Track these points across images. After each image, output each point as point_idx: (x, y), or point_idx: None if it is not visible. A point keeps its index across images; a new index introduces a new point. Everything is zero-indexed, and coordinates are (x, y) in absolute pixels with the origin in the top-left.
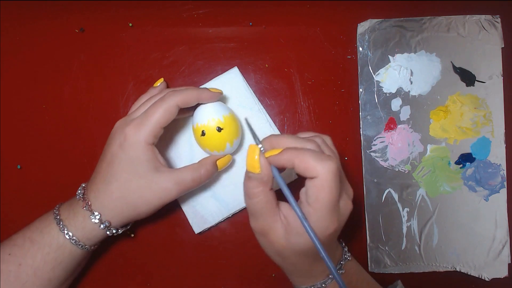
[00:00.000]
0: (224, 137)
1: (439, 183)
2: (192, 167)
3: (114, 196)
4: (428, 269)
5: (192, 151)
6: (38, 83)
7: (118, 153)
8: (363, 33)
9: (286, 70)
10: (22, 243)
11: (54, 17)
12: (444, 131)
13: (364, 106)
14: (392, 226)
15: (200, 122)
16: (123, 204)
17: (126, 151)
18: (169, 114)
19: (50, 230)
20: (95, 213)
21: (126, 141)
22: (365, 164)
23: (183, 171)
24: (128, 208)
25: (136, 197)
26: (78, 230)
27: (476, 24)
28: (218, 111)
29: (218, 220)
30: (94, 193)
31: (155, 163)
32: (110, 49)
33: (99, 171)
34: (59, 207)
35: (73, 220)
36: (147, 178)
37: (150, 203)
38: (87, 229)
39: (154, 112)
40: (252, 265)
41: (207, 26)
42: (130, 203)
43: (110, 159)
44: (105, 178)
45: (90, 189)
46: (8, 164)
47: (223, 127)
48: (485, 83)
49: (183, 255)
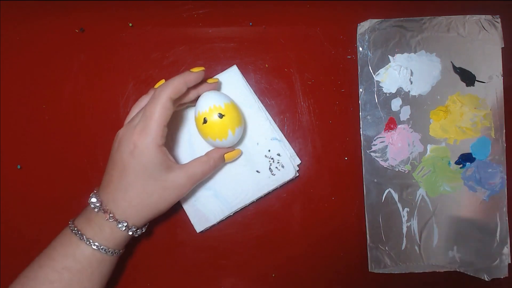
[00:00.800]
0: (225, 124)
1: (439, 183)
2: (201, 160)
3: (134, 203)
4: (428, 269)
5: (193, 150)
6: (38, 83)
7: (130, 162)
8: (363, 33)
9: (286, 70)
10: (60, 277)
11: (54, 17)
12: (444, 131)
13: (364, 106)
14: (392, 226)
15: (202, 110)
16: (144, 208)
17: (138, 158)
18: (166, 110)
19: (83, 252)
20: (121, 222)
21: (136, 148)
22: (365, 164)
23: (193, 165)
24: (149, 210)
25: (156, 199)
26: (109, 242)
27: (476, 24)
28: (219, 99)
29: (219, 218)
30: (114, 203)
31: (167, 163)
32: (110, 49)
33: (112, 180)
34: (74, 224)
35: (102, 234)
36: (162, 179)
37: (169, 200)
38: (117, 237)
39: (152, 113)
40: (252, 265)
41: (207, 26)
42: (150, 205)
43: (122, 167)
44: (121, 187)
45: (107, 198)
46: (8, 164)
47: (224, 114)
48: (485, 83)
49: (183, 255)
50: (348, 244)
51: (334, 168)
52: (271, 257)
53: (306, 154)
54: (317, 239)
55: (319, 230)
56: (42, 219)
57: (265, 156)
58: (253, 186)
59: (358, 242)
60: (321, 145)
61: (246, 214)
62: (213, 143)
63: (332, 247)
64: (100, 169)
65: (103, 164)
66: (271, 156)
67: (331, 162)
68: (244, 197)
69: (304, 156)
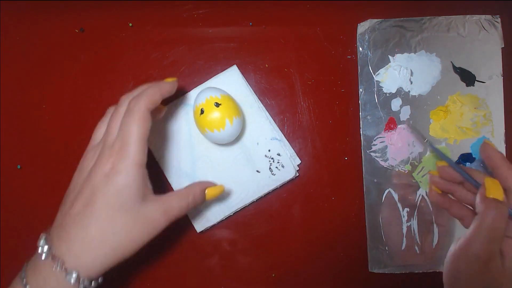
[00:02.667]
0: (223, 113)
1: None
2: (179, 194)
3: (94, 243)
4: (428, 269)
5: (193, 149)
6: (38, 83)
7: (102, 186)
8: (363, 33)
9: (286, 70)
10: None
11: (54, 17)
12: (444, 131)
13: (364, 106)
14: (392, 226)
15: (198, 102)
16: (105, 250)
17: (114, 181)
18: (146, 122)
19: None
20: (71, 272)
21: (113, 170)
22: (365, 164)
23: (170, 198)
24: (110, 255)
25: (121, 239)
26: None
27: (476, 24)
28: (215, 91)
29: (220, 218)
30: (67, 244)
31: (144, 190)
32: (110, 49)
33: (70, 213)
34: (26, 268)
35: (44, 286)
36: (134, 211)
37: (138, 240)
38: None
39: (130, 126)
40: (252, 265)
41: (207, 26)
42: (114, 246)
43: (89, 194)
44: (80, 221)
45: (60, 239)
46: (8, 164)
47: (221, 103)
48: (485, 83)
49: (183, 255)
50: (348, 244)
51: (334, 168)
52: (271, 257)
53: (306, 154)
54: (317, 239)
55: (319, 230)
56: (42, 219)
57: (265, 156)
58: (253, 186)
59: (358, 242)
60: (321, 145)
61: (246, 214)
62: (212, 135)
63: (332, 247)
64: None
65: None
66: (271, 156)
67: (331, 162)
68: (244, 197)
69: (304, 156)
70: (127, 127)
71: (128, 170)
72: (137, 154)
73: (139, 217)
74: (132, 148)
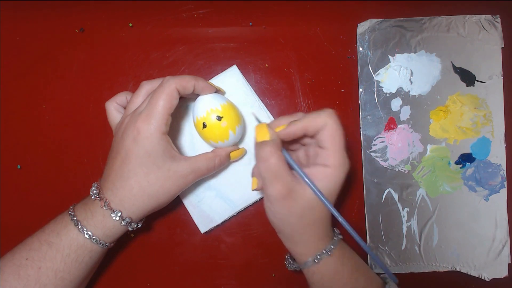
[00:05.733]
0: (225, 125)
1: (439, 183)
2: (207, 156)
3: (133, 191)
4: (428, 269)
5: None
6: (38, 83)
7: (133, 148)
8: (363, 33)
9: (286, 70)
10: (39, 247)
11: (54, 17)
12: (444, 131)
13: (364, 106)
14: (392, 226)
15: (200, 115)
16: (143, 198)
17: (141, 144)
18: (172, 99)
19: (68, 232)
20: (115, 211)
21: (140, 134)
22: (365, 164)
23: (198, 159)
24: (149, 201)
25: (157, 188)
26: (98, 229)
27: (476, 24)
28: (214, 101)
29: (224, 218)
30: (112, 191)
31: (170, 151)
32: (110, 49)
33: (113, 169)
34: (74, 207)
35: (92, 220)
36: (165, 168)
37: (170, 191)
38: (108, 227)
39: (158, 100)
40: (252, 265)
41: (207, 26)
42: (150, 195)
43: (124, 154)
44: (122, 175)
45: (106, 187)
46: (8, 164)
47: (222, 115)
48: (485, 83)
49: (183, 255)
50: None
51: None
52: (271, 257)
53: None
54: None
55: None
56: (42, 219)
57: None
58: None
59: None
60: None
61: (246, 214)
62: (216, 145)
63: None
64: (100, 169)
65: (103, 164)
66: None
67: None
68: (248, 197)
69: None
70: (155, 100)
71: (153, 135)
72: (160, 124)
73: (170, 173)
74: (156, 117)
